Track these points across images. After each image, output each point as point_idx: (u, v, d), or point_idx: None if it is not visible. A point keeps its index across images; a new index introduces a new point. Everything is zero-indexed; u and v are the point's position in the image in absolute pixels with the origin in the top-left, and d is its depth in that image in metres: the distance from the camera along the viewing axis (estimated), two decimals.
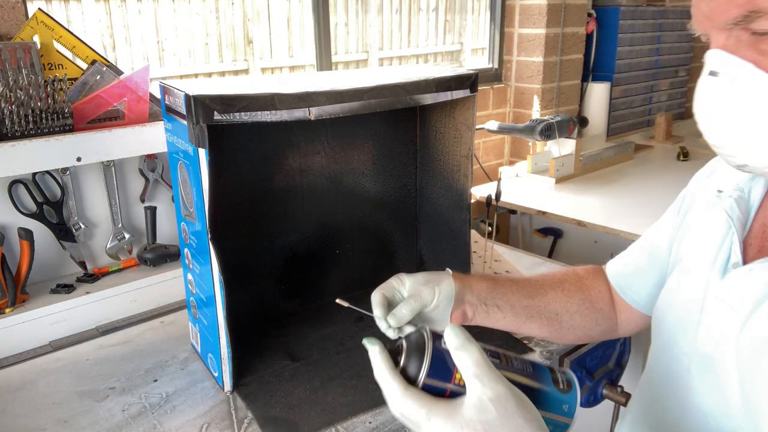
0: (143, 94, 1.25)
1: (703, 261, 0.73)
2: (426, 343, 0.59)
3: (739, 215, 0.69)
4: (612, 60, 2.56)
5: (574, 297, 0.92)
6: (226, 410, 0.94)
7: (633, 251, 0.93)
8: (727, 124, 0.61)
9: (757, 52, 0.57)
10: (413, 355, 0.59)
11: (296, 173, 1.21)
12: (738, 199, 0.70)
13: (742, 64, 0.57)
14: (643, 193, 2.03)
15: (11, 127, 1.10)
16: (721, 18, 0.57)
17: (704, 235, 0.75)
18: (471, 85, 1.07)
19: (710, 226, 0.74)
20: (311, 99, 0.90)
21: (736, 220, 0.69)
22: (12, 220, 1.18)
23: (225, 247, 0.91)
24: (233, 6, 1.76)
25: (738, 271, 0.67)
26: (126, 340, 1.16)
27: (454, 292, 0.84)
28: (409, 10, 2.24)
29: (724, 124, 0.61)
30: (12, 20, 1.22)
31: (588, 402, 1.15)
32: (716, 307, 0.68)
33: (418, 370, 0.58)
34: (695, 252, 0.76)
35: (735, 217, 0.69)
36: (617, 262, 0.95)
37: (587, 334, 0.94)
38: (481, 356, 0.56)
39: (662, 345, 0.78)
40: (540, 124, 2.04)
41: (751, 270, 0.65)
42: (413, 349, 0.59)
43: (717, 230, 0.72)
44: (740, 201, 0.70)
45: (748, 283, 0.65)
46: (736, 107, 0.59)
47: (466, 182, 1.16)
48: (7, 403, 0.97)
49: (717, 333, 0.67)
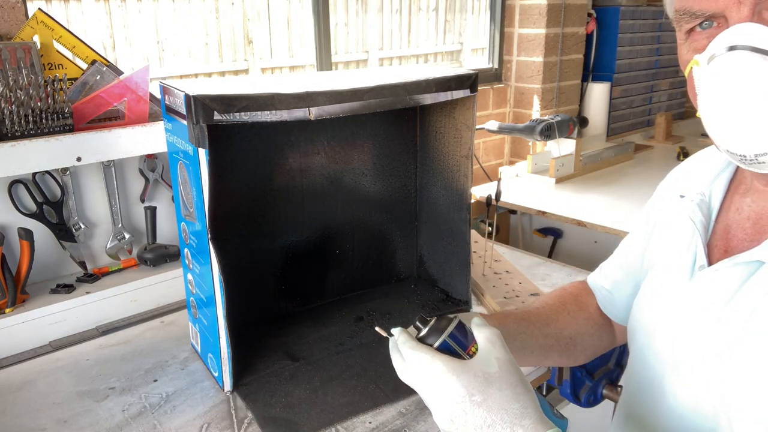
0: (143, 94, 1.25)
1: (671, 266, 0.74)
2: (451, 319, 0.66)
3: (702, 219, 0.71)
4: (612, 60, 2.56)
5: (579, 318, 0.93)
6: (226, 410, 0.94)
7: (610, 266, 0.94)
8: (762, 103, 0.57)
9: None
10: (435, 328, 0.65)
11: (296, 173, 1.21)
12: (700, 203, 0.72)
13: None
14: (643, 193, 2.02)
15: (11, 127, 1.10)
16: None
17: (670, 241, 0.76)
18: (471, 85, 1.07)
19: (675, 231, 0.76)
20: (311, 99, 0.90)
21: (699, 223, 0.70)
22: (12, 220, 1.18)
23: (225, 247, 0.91)
24: (233, 6, 1.76)
25: (704, 272, 0.68)
26: (126, 340, 1.16)
27: None
28: (409, 10, 2.24)
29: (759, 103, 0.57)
30: (12, 20, 1.22)
31: (588, 402, 1.15)
32: (685, 310, 0.69)
33: (439, 335, 0.65)
34: (663, 258, 0.77)
35: (697, 221, 0.70)
36: (596, 278, 0.96)
37: (594, 352, 0.95)
38: (498, 335, 0.65)
39: (638, 350, 0.79)
40: (540, 124, 2.04)
41: (717, 271, 0.66)
42: (436, 325, 0.66)
43: (682, 235, 0.74)
44: (702, 205, 0.72)
45: (714, 284, 0.66)
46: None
47: (466, 182, 1.16)
48: (7, 403, 0.97)
49: (687, 335, 0.69)
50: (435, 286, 1.33)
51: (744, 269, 0.64)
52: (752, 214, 0.68)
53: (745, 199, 0.70)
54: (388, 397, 0.95)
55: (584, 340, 0.92)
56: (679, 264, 0.73)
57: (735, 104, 0.57)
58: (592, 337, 0.93)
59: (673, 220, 0.78)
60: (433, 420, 0.63)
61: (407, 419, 0.91)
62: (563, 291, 0.98)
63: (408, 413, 0.92)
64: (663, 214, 0.82)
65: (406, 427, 0.89)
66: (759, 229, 0.67)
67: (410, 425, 0.90)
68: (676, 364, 0.70)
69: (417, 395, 0.66)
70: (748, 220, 0.68)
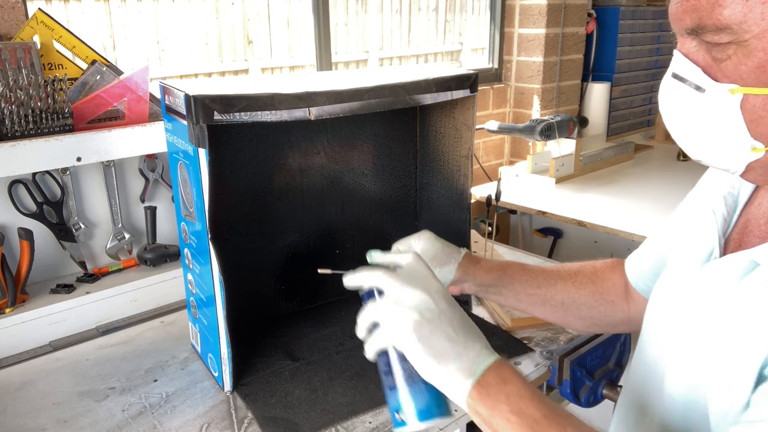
0: (143, 94, 1.25)
1: (689, 255, 0.75)
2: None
3: (723, 211, 0.71)
4: (612, 60, 2.56)
5: (584, 289, 0.95)
6: (226, 410, 0.94)
7: (647, 245, 0.95)
8: (683, 123, 0.64)
9: (711, 59, 0.59)
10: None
11: (296, 173, 1.21)
12: (726, 195, 0.72)
13: (696, 69, 0.60)
14: (643, 193, 2.03)
15: (11, 127, 1.10)
16: (679, 25, 0.61)
17: (693, 231, 0.77)
18: (471, 85, 1.07)
19: (699, 222, 0.76)
20: (311, 99, 0.90)
21: (719, 215, 0.71)
22: (12, 220, 1.18)
23: (225, 247, 0.91)
24: (233, 6, 1.76)
25: (713, 262, 0.68)
26: (126, 340, 1.16)
27: (452, 277, 0.95)
28: (409, 10, 2.24)
29: (680, 122, 0.64)
30: (12, 20, 1.22)
31: (588, 402, 1.15)
32: (691, 298, 0.70)
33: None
34: (684, 247, 0.78)
35: (718, 213, 0.71)
36: (634, 255, 0.97)
37: (595, 323, 0.97)
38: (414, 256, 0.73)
39: (647, 337, 0.80)
40: (540, 124, 2.04)
41: (724, 261, 0.67)
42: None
43: (704, 226, 0.74)
44: (728, 198, 0.72)
45: (719, 274, 0.67)
46: (688, 109, 0.62)
47: (466, 182, 1.16)
48: (7, 403, 0.97)
49: (689, 323, 0.69)
50: None
51: (740, 267, 0.64)
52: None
53: (767, 195, 0.70)
54: None
55: (580, 309, 0.95)
56: (696, 254, 0.73)
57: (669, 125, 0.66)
58: (592, 309, 0.95)
59: (699, 210, 0.78)
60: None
61: None
62: (589, 262, 1.00)
63: None
64: (694, 204, 0.83)
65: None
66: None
67: None
68: (677, 350, 0.70)
69: None
70: (764, 217, 0.68)
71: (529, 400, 0.60)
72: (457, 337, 0.64)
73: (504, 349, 1.10)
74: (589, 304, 0.95)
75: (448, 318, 0.65)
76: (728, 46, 0.56)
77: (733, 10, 0.54)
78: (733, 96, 0.58)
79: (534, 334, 1.17)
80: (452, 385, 0.62)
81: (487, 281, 0.96)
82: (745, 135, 0.59)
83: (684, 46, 0.62)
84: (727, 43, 0.56)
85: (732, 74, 0.57)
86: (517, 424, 0.59)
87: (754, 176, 0.63)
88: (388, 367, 0.68)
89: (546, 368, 1.08)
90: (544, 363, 1.08)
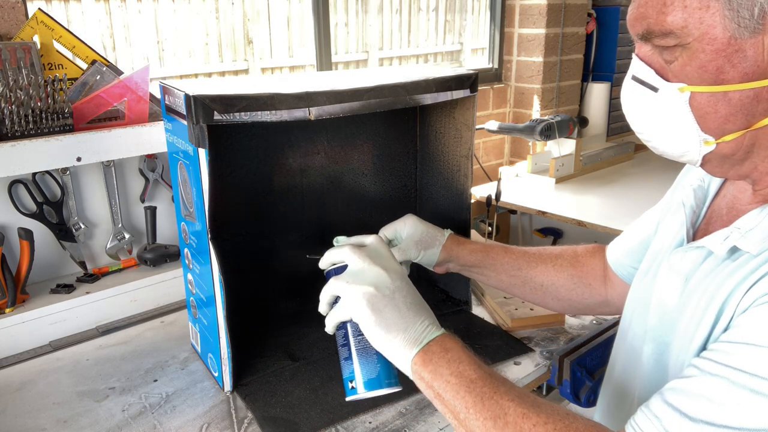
0: (143, 94, 1.25)
1: (663, 244, 0.80)
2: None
3: (692, 203, 0.76)
4: (612, 60, 2.56)
5: (563, 272, 1.00)
6: (226, 410, 0.94)
7: (628, 233, 0.99)
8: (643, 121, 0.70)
9: (662, 61, 0.65)
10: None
11: (296, 173, 1.21)
12: (697, 189, 0.78)
13: (650, 71, 0.66)
14: (643, 193, 2.03)
15: (11, 127, 1.10)
16: (633, 31, 0.66)
17: (668, 221, 0.82)
18: (471, 85, 1.07)
19: (673, 212, 0.82)
20: (311, 99, 0.90)
21: (689, 207, 0.76)
22: (12, 220, 1.18)
23: (225, 247, 0.91)
24: (233, 6, 1.76)
25: (678, 249, 0.73)
26: (126, 340, 1.16)
27: (437, 258, 1.00)
28: (409, 10, 2.24)
29: (641, 120, 0.70)
30: (12, 20, 1.22)
31: (588, 402, 1.15)
32: (660, 284, 0.75)
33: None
34: (660, 236, 0.83)
35: (688, 205, 0.76)
36: (615, 242, 1.01)
37: (573, 306, 1.03)
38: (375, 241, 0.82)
39: (627, 321, 0.84)
40: (540, 124, 2.04)
41: (687, 249, 0.71)
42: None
43: (676, 217, 0.79)
44: (698, 191, 0.78)
45: (683, 260, 0.71)
46: (646, 107, 0.67)
47: (466, 182, 1.16)
48: (7, 403, 0.97)
49: (659, 308, 0.74)
50: (435, 286, 1.33)
51: (700, 254, 0.69)
52: (729, 201, 0.73)
53: (730, 187, 0.75)
54: (387, 397, 0.95)
55: (558, 291, 1.00)
56: (669, 243, 0.78)
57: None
58: (572, 291, 1.00)
59: (674, 202, 0.84)
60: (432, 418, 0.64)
61: (407, 419, 0.91)
62: (570, 247, 1.05)
63: (408, 413, 0.92)
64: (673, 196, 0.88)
65: (406, 427, 0.90)
66: (731, 217, 0.70)
67: (410, 425, 0.90)
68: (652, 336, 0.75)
69: (416, 395, 0.67)
70: (725, 207, 0.74)
71: (467, 365, 0.67)
72: (408, 312, 0.71)
73: (504, 349, 1.10)
74: (567, 287, 1.00)
75: (402, 295, 0.72)
76: (675, 49, 0.62)
77: (675, 17, 0.60)
78: (682, 94, 0.63)
79: (534, 334, 1.17)
80: (399, 353, 0.70)
81: (470, 262, 1.01)
82: (696, 130, 0.64)
83: (640, 50, 0.67)
84: (673, 46, 0.62)
85: (680, 74, 0.63)
86: (455, 384, 0.66)
87: (711, 168, 0.69)
88: (345, 339, 0.75)
89: (546, 368, 1.08)
90: (544, 363, 1.08)
